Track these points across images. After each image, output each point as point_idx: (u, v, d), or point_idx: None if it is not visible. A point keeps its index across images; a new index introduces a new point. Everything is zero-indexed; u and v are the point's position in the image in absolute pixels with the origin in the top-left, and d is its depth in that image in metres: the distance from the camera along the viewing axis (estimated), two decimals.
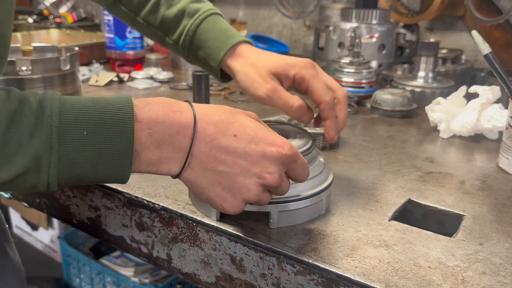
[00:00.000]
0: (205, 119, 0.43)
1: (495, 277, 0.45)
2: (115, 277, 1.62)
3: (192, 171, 0.44)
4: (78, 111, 0.39)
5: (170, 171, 0.44)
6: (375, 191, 0.63)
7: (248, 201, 0.45)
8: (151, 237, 0.60)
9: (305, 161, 0.48)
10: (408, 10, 1.41)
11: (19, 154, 0.37)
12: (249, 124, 0.45)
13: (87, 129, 0.39)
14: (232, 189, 0.45)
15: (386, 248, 0.49)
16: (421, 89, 1.05)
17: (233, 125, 0.44)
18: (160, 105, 0.43)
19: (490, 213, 0.58)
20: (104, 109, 0.40)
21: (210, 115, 0.44)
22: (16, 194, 0.78)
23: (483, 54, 0.74)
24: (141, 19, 0.71)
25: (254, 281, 0.52)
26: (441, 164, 0.74)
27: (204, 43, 0.66)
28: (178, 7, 0.68)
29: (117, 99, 0.41)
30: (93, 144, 0.39)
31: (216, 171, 0.44)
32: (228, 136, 0.43)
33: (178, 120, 0.42)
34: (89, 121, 0.39)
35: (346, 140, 0.84)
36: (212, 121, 0.44)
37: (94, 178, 0.41)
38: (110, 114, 0.40)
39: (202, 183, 0.45)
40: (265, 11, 1.95)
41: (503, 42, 1.33)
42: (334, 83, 0.60)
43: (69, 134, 0.39)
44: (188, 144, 0.43)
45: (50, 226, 2.07)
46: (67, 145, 0.39)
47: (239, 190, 0.44)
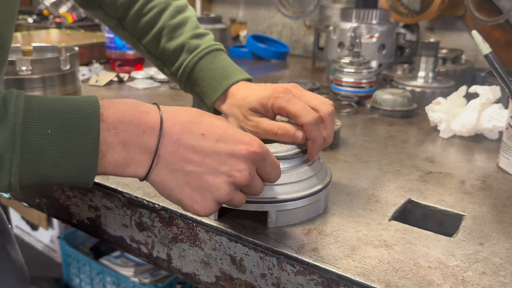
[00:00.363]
0: (172, 119, 0.43)
1: (495, 277, 0.45)
2: (115, 277, 1.62)
3: (159, 172, 0.43)
4: (43, 109, 0.39)
5: (136, 172, 0.43)
6: (375, 191, 0.63)
7: (219, 201, 0.44)
8: (151, 237, 0.60)
9: (276, 161, 0.47)
10: (408, 10, 1.41)
11: None
12: (217, 123, 0.45)
13: (51, 127, 0.38)
14: (202, 189, 0.44)
15: (386, 248, 0.49)
16: (421, 89, 1.05)
17: (201, 125, 0.44)
18: (127, 105, 0.42)
19: (490, 213, 0.58)
20: (70, 108, 0.39)
21: (177, 115, 0.44)
22: (16, 194, 0.78)
23: (483, 54, 0.74)
24: (143, 46, 0.72)
25: (254, 281, 0.52)
26: (441, 164, 0.74)
27: (201, 81, 0.67)
28: (178, 41, 0.68)
29: (84, 98, 0.41)
30: (58, 143, 0.38)
31: (185, 171, 0.43)
32: (195, 135, 0.43)
33: (145, 120, 0.42)
34: (54, 119, 0.39)
35: (346, 140, 0.84)
36: (179, 121, 0.43)
37: (58, 179, 0.40)
38: (75, 113, 0.39)
39: (170, 185, 0.44)
40: (265, 11, 1.95)
41: (503, 42, 1.33)
42: (316, 101, 0.58)
43: (33, 132, 0.38)
44: (154, 144, 0.42)
45: (50, 226, 2.08)
46: (30, 144, 0.38)
47: (209, 189, 0.44)
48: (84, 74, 1.28)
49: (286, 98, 0.56)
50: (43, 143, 0.38)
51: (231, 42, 1.89)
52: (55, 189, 0.70)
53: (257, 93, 0.59)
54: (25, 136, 0.38)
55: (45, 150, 0.38)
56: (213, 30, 1.39)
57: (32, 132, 0.38)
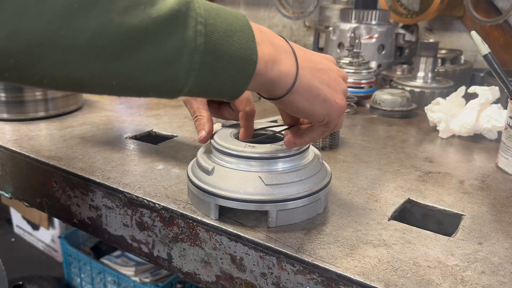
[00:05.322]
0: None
1: (494, 276, 0.46)
2: (116, 276, 1.62)
3: (304, 72, 0.46)
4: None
5: (288, 69, 0.44)
6: (374, 191, 0.63)
7: (345, 93, 0.50)
8: (152, 237, 0.60)
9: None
10: (408, 11, 1.41)
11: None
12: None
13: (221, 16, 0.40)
14: (333, 85, 0.48)
15: (386, 247, 0.50)
16: (420, 89, 1.06)
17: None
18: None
19: (489, 213, 0.59)
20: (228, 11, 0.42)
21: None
22: (17, 193, 0.78)
23: (482, 55, 0.75)
24: None
25: (254, 281, 0.52)
26: (440, 164, 0.75)
27: None
28: None
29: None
30: (223, 18, 0.40)
31: (317, 69, 0.47)
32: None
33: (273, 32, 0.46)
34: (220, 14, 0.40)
35: (345, 140, 0.84)
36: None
37: (228, 48, 0.40)
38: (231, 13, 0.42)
39: (315, 84, 0.47)
40: (265, 12, 1.95)
41: (502, 43, 1.33)
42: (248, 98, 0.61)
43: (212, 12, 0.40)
44: (289, 46, 0.46)
45: (51, 226, 2.08)
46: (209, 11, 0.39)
47: (336, 84, 0.49)
48: None
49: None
50: (217, 13, 0.40)
51: None
52: (56, 188, 0.70)
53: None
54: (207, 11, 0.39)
55: (220, 18, 0.40)
56: None
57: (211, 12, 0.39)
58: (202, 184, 0.54)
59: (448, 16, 1.43)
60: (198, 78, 0.39)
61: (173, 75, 0.37)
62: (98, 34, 0.33)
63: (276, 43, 0.44)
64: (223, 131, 0.60)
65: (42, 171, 0.71)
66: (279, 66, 0.43)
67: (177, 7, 0.36)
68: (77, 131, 0.85)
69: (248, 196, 0.51)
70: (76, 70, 0.34)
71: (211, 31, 0.38)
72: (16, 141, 0.79)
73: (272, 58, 0.43)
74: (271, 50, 0.43)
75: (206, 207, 0.54)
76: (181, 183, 0.64)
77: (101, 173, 0.66)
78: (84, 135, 0.83)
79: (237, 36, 0.40)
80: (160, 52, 0.36)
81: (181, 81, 0.38)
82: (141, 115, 0.97)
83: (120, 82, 0.37)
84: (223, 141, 0.56)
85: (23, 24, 0.31)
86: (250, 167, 0.53)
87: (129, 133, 0.84)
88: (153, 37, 0.35)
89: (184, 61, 0.37)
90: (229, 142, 0.55)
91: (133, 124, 0.90)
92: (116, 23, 0.34)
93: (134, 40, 0.35)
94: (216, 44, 0.39)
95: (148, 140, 0.82)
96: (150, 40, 0.35)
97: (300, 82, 0.45)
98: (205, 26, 0.38)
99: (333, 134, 0.79)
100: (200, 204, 0.56)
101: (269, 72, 0.43)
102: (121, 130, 0.86)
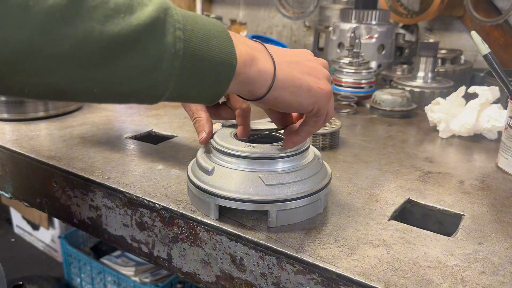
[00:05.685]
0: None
1: (494, 276, 0.46)
2: (116, 276, 1.62)
3: (281, 66, 0.46)
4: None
5: (266, 67, 0.45)
6: (374, 191, 0.63)
7: (328, 78, 0.50)
8: (152, 237, 0.60)
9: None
10: (408, 11, 1.41)
11: (148, 4, 0.37)
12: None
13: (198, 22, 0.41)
14: (314, 73, 0.49)
15: (386, 247, 0.50)
16: (420, 89, 1.06)
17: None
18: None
19: (489, 213, 0.59)
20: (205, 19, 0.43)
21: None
22: (17, 193, 0.78)
23: (482, 55, 0.75)
24: None
25: (254, 281, 0.52)
26: (440, 164, 0.75)
27: None
28: None
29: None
30: (201, 24, 0.41)
31: (295, 62, 0.48)
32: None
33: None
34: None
35: (346, 140, 0.84)
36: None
37: (209, 60, 0.41)
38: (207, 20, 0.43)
39: (296, 74, 0.47)
40: (265, 12, 1.95)
41: (502, 43, 1.33)
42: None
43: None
44: (261, 45, 0.47)
45: (51, 226, 2.08)
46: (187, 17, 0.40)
47: (317, 71, 0.49)
48: None
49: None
50: (195, 20, 0.41)
51: None
52: (56, 188, 0.70)
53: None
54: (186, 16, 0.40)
55: (198, 24, 0.41)
56: None
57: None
58: (202, 184, 0.54)
59: (448, 16, 1.43)
60: (178, 83, 0.39)
61: (154, 81, 0.38)
62: (80, 43, 0.34)
63: (251, 44, 0.46)
64: (223, 131, 0.60)
65: (42, 171, 0.71)
66: (257, 64, 0.44)
67: (155, 14, 0.37)
68: (77, 131, 0.85)
69: (248, 196, 0.51)
70: (58, 79, 0.35)
71: (190, 37, 0.39)
72: (16, 141, 0.79)
73: (250, 57, 0.44)
74: (248, 50, 0.44)
75: (206, 207, 0.54)
76: (181, 183, 0.64)
77: (101, 173, 0.66)
78: (84, 135, 0.83)
79: (216, 41, 0.41)
80: (141, 59, 0.37)
81: (161, 87, 0.39)
82: (141, 115, 0.97)
83: (101, 89, 0.37)
84: (223, 141, 0.56)
85: (5, 33, 0.31)
86: (250, 167, 0.53)
87: (129, 133, 0.84)
88: (134, 45, 0.36)
89: (164, 67, 0.38)
90: (229, 142, 0.55)
91: (133, 124, 0.90)
92: (98, 32, 0.34)
93: (115, 48, 0.35)
94: (195, 49, 0.39)
95: (148, 140, 0.82)
96: (131, 47, 0.36)
97: (280, 76, 0.46)
98: (184, 31, 0.38)
99: (333, 134, 0.79)
100: (200, 204, 0.56)
101: (247, 71, 0.44)
102: (121, 130, 0.86)
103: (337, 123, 0.80)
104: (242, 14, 2.01)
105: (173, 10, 0.38)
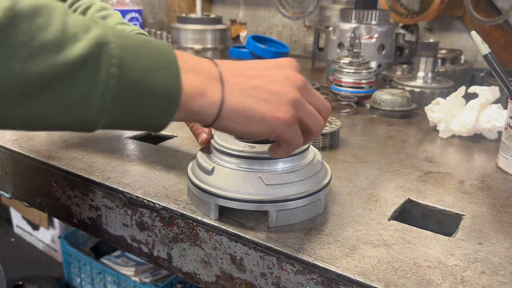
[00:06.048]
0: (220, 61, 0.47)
1: (494, 276, 0.46)
2: (116, 276, 1.62)
3: (232, 95, 0.44)
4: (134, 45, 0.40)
5: (213, 99, 0.43)
6: (374, 191, 0.63)
7: (293, 102, 0.45)
8: (152, 237, 0.60)
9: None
10: (408, 11, 1.41)
11: (81, 39, 0.36)
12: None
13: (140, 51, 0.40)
14: (274, 98, 0.45)
15: (386, 247, 0.50)
16: (420, 89, 1.06)
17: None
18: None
19: (489, 213, 0.59)
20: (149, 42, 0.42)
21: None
22: (17, 193, 0.78)
23: (482, 55, 0.75)
24: None
25: (254, 281, 0.52)
26: (440, 164, 0.75)
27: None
28: None
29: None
30: (146, 56, 0.40)
31: (252, 86, 0.45)
32: (245, 63, 0.47)
33: (199, 58, 0.45)
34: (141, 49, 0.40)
35: (345, 140, 0.84)
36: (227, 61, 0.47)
37: (149, 96, 0.40)
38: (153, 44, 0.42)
39: (248, 103, 0.44)
40: (265, 12, 1.95)
41: (502, 42, 1.33)
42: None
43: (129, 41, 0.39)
44: (216, 70, 0.44)
45: (51, 226, 2.08)
46: (126, 46, 0.39)
47: (280, 95, 0.45)
48: None
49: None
50: (136, 50, 0.39)
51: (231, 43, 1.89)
52: (56, 188, 0.70)
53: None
54: (119, 36, 0.39)
55: (138, 58, 0.39)
56: (213, 30, 1.39)
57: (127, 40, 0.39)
58: (202, 184, 0.54)
59: (448, 16, 1.43)
60: (113, 116, 0.39)
61: (82, 116, 0.38)
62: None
63: (202, 70, 0.43)
64: None
65: (42, 171, 0.71)
66: (202, 98, 0.42)
67: (87, 51, 0.36)
68: None
69: (248, 196, 0.51)
70: None
71: (127, 71, 0.38)
72: (16, 141, 0.79)
73: (196, 91, 0.42)
74: (196, 81, 0.42)
75: (206, 207, 0.54)
76: (181, 183, 0.64)
77: (101, 173, 0.66)
78: (84, 135, 0.83)
79: (160, 74, 0.40)
80: (67, 96, 0.36)
81: (91, 122, 0.38)
82: None
83: (25, 124, 0.37)
84: (223, 141, 0.56)
85: None
86: (250, 167, 0.53)
87: (129, 133, 0.84)
88: (58, 83, 0.35)
89: (94, 103, 0.37)
90: (229, 142, 0.55)
91: None
92: (17, 71, 0.34)
93: (37, 86, 0.35)
94: (133, 83, 0.38)
95: (148, 140, 0.82)
96: (55, 85, 0.35)
97: (228, 108, 0.43)
98: (120, 67, 0.37)
99: (333, 134, 0.79)
100: (200, 204, 0.56)
101: (191, 105, 0.42)
102: (121, 130, 0.86)
103: (337, 123, 0.80)
104: (242, 14, 2.01)
105: (110, 45, 0.37)
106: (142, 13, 1.53)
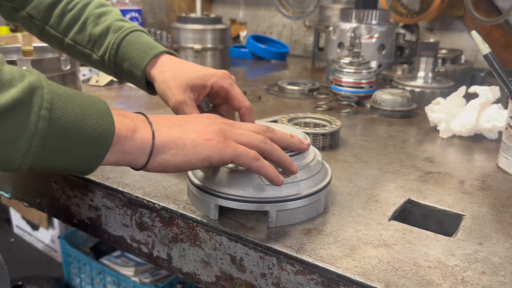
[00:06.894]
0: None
1: (494, 276, 0.45)
2: (116, 276, 1.62)
3: (161, 131, 0.47)
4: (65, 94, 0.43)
5: (144, 135, 0.45)
6: (374, 191, 0.63)
7: (218, 127, 0.49)
8: (152, 237, 0.60)
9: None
10: (408, 11, 1.41)
11: (15, 85, 0.38)
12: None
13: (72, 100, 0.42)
14: (201, 127, 0.48)
15: (386, 248, 0.50)
16: (420, 89, 1.05)
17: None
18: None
19: (489, 213, 0.58)
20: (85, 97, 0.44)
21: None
22: (17, 194, 0.78)
23: (483, 54, 0.75)
24: (70, 40, 0.73)
25: (254, 281, 0.52)
26: (440, 164, 0.75)
27: (128, 54, 0.69)
28: (104, 25, 0.71)
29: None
30: (78, 102, 0.42)
31: (177, 124, 0.48)
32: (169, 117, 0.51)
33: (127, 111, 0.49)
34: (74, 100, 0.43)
35: (346, 140, 0.84)
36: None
37: (79, 131, 0.42)
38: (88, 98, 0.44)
39: (177, 135, 0.47)
40: (265, 12, 1.95)
41: (503, 42, 1.33)
42: (243, 95, 0.64)
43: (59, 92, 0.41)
44: (143, 116, 0.48)
45: (50, 226, 2.08)
46: (57, 93, 0.41)
47: (205, 125, 0.49)
48: (84, 75, 1.28)
49: (229, 81, 0.62)
50: (68, 98, 0.42)
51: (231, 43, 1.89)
52: (55, 189, 0.70)
53: (198, 69, 0.64)
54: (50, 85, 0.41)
55: (70, 103, 0.41)
56: (213, 30, 1.39)
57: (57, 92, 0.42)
58: (202, 184, 0.54)
59: (448, 16, 1.43)
60: (40, 158, 0.40)
61: (9, 156, 0.39)
62: None
63: (131, 116, 0.47)
64: None
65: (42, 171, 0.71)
66: (134, 135, 0.45)
67: (19, 96, 0.38)
68: None
69: (248, 196, 0.51)
70: None
71: (58, 115, 0.40)
72: None
73: (128, 127, 0.45)
74: (127, 121, 0.45)
75: (206, 207, 0.54)
76: (181, 183, 0.63)
77: (100, 173, 0.66)
78: None
79: (92, 118, 0.42)
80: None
81: (17, 162, 0.39)
82: None
83: None
84: None
85: None
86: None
87: None
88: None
89: (22, 144, 0.39)
90: None
91: None
92: None
93: None
94: (64, 127, 0.40)
95: None
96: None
97: (160, 141, 0.46)
98: (51, 110, 0.39)
99: (333, 134, 0.79)
100: (200, 204, 0.56)
101: (122, 144, 0.44)
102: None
103: (337, 123, 0.80)
104: (242, 14, 2.01)
105: (43, 90, 0.39)
106: (142, 13, 1.53)
